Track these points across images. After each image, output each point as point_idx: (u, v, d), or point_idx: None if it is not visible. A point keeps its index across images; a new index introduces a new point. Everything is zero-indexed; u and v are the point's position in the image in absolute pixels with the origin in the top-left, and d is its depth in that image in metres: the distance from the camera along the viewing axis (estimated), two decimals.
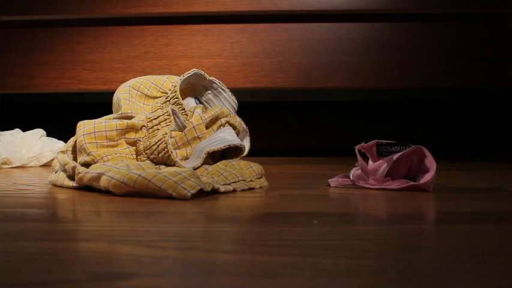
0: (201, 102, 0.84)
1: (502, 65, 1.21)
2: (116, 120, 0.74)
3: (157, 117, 0.76)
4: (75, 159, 0.72)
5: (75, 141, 0.73)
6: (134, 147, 0.75)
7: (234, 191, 0.68)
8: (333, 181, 0.75)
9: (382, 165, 0.72)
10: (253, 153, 0.85)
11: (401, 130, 1.50)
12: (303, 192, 0.68)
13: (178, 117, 0.76)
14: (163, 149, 0.72)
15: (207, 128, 0.77)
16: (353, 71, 1.22)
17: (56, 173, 0.74)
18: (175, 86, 0.79)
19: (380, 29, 1.20)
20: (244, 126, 0.83)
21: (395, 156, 0.71)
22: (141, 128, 0.75)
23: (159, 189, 0.61)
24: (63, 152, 0.74)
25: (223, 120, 0.79)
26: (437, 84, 1.21)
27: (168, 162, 0.73)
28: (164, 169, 0.69)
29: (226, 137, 0.77)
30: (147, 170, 0.64)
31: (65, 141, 0.78)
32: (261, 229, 0.48)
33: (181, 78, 0.80)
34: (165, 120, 0.76)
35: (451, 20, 1.22)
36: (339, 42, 1.20)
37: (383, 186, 0.71)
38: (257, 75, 1.24)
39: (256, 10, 1.23)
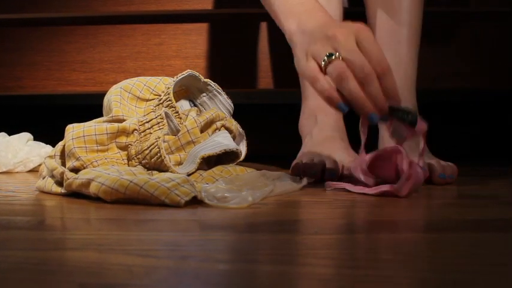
0: (195, 105, 0.84)
1: (503, 65, 1.21)
2: (106, 123, 0.74)
3: (149, 121, 0.76)
4: (63, 164, 0.72)
5: (64, 146, 0.73)
6: (125, 152, 0.75)
7: None
8: (329, 184, 0.75)
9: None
10: (250, 158, 0.85)
11: None
12: (302, 198, 0.69)
13: (171, 121, 0.76)
14: (156, 154, 0.72)
15: (201, 131, 0.77)
16: None
17: (43, 178, 0.74)
18: (168, 88, 0.79)
19: None
20: (241, 130, 0.83)
21: (376, 151, 0.71)
22: (132, 132, 0.75)
23: (152, 195, 0.61)
24: (51, 156, 0.74)
25: (218, 124, 0.80)
26: (439, 85, 1.21)
27: (161, 167, 0.73)
28: (157, 175, 0.69)
29: (221, 141, 0.77)
30: (139, 176, 0.64)
31: (53, 146, 0.78)
32: (258, 238, 0.48)
33: (175, 79, 0.80)
34: (158, 123, 0.76)
35: (451, 19, 1.23)
36: None
37: (360, 191, 0.70)
38: (255, 76, 1.24)
39: (254, 8, 1.23)
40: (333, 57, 0.65)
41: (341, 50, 0.65)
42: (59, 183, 0.71)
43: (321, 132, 0.91)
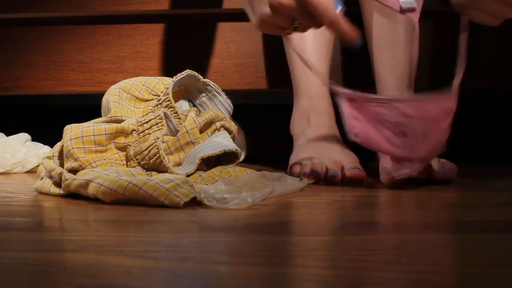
0: (194, 106, 0.84)
1: (503, 65, 1.21)
2: (105, 124, 0.74)
3: (148, 121, 0.76)
4: (61, 165, 0.72)
5: (62, 146, 0.73)
6: (124, 153, 0.75)
7: None
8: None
9: None
10: (249, 159, 0.85)
11: None
12: (301, 199, 0.69)
13: (170, 121, 0.76)
14: (155, 155, 0.72)
15: (201, 132, 0.77)
16: (352, 71, 1.22)
17: (41, 179, 0.74)
18: (167, 88, 0.79)
19: None
20: (241, 130, 0.83)
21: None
22: (131, 132, 0.75)
23: (151, 196, 0.61)
24: (49, 157, 0.74)
25: (218, 124, 0.80)
26: (438, 85, 1.21)
27: (160, 168, 0.73)
28: (156, 176, 0.69)
29: (221, 141, 0.77)
30: (137, 177, 0.64)
31: (51, 146, 0.78)
32: (258, 239, 0.48)
33: (174, 80, 0.80)
34: (157, 124, 0.76)
35: (450, 17, 1.23)
36: (339, 41, 1.21)
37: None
38: (254, 76, 1.24)
39: None
40: (295, 24, 0.68)
41: (295, 16, 0.66)
42: (57, 184, 0.71)
43: (315, 132, 0.91)
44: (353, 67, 1.23)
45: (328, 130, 0.91)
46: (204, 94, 0.84)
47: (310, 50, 0.97)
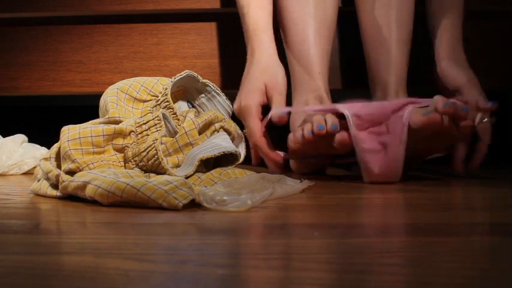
0: (193, 106, 0.84)
1: (503, 65, 1.21)
2: (102, 125, 0.74)
3: (146, 122, 0.76)
4: (59, 166, 0.72)
5: (59, 148, 0.73)
6: (122, 154, 0.75)
7: None
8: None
9: None
10: (249, 161, 0.85)
11: None
12: (302, 202, 0.69)
13: (169, 122, 0.76)
14: (153, 156, 0.72)
15: (200, 133, 0.77)
16: (351, 71, 1.22)
17: (38, 181, 0.74)
18: (166, 89, 0.79)
19: None
20: (240, 131, 0.83)
21: None
22: (129, 134, 0.75)
23: (149, 199, 0.61)
24: (46, 159, 0.74)
25: (217, 126, 0.80)
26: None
27: (158, 170, 0.73)
28: (154, 177, 0.69)
29: (220, 143, 0.77)
30: (135, 179, 0.64)
31: (48, 148, 0.78)
32: (258, 241, 0.48)
33: (172, 80, 0.80)
34: (155, 125, 0.76)
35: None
36: (338, 41, 1.21)
37: None
38: None
39: None
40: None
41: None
42: (54, 186, 0.71)
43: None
44: (352, 67, 1.23)
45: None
46: (203, 95, 0.84)
47: (312, 52, 0.98)
